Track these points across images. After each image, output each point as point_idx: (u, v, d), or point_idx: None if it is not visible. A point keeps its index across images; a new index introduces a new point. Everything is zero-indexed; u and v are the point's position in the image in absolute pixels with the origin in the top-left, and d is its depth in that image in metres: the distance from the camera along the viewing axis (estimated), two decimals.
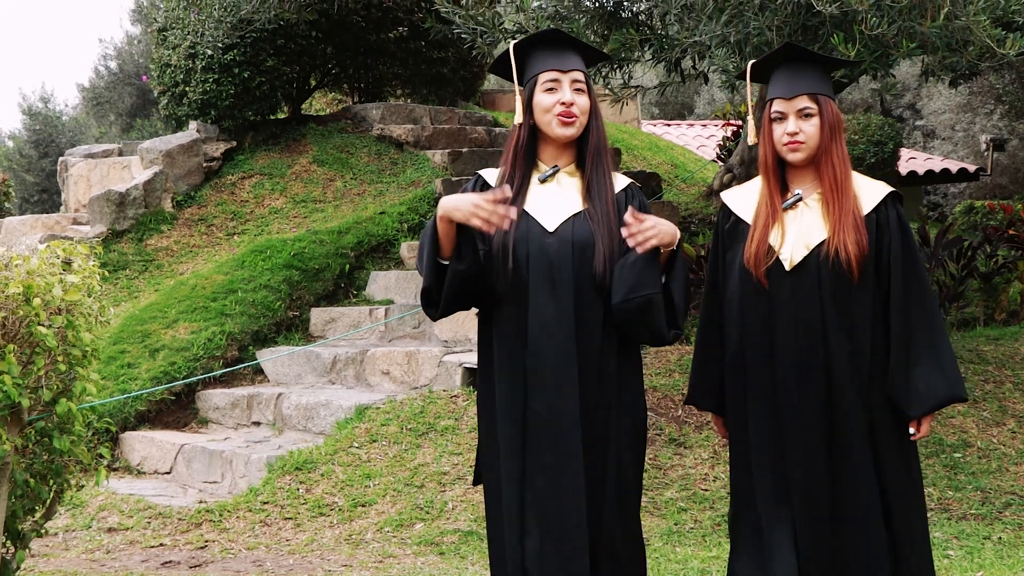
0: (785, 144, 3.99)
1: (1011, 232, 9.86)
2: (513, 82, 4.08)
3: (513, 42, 4.06)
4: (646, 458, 6.71)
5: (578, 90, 3.97)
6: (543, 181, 4.02)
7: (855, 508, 3.87)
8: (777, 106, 4.02)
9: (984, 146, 19.69)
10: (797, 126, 3.98)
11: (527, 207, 3.96)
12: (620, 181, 4.15)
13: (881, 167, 15.70)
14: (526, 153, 4.03)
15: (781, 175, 4.09)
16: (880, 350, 3.97)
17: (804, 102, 3.99)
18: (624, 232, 3.79)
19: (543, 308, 3.89)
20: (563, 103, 3.93)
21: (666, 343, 4.12)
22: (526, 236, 3.92)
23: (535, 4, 6.22)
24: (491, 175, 4.11)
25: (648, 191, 11.34)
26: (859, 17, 5.48)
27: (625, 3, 6.92)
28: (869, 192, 4.07)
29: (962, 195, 21.43)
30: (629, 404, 4.03)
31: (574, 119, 3.95)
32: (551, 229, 3.94)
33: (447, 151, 11.70)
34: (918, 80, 16.92)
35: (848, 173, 4.03)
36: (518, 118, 4.03)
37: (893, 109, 23.97)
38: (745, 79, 4.18)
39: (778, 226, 4.01)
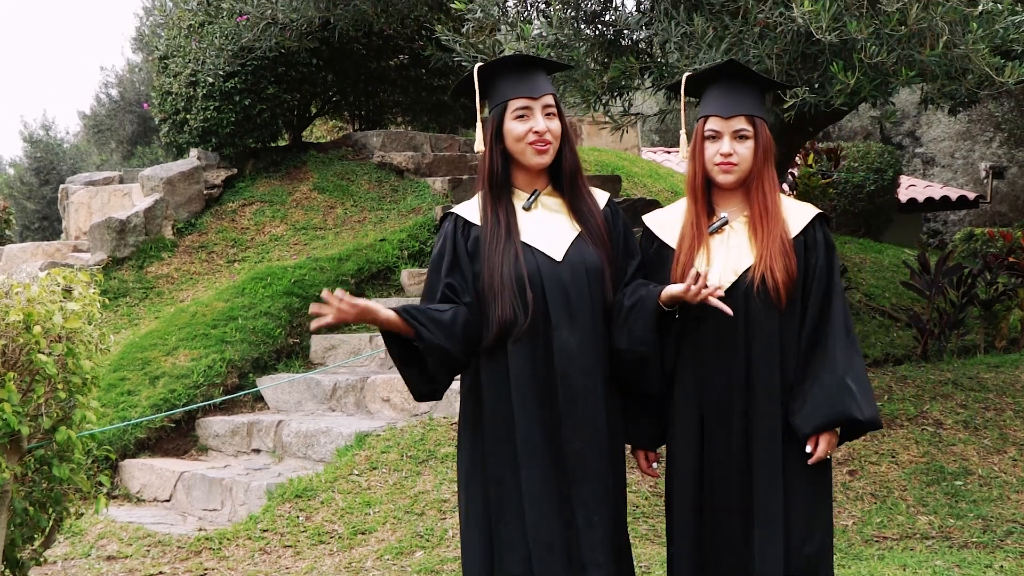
0: (717, 164, 3.90)
1: (1011, 260, 9.88)
2: (476, 103, 4.01)
3: (478, 65, 4.02)
4: (647, 486, 6.71)
5: (549, 115, 3.89)
6: (527, 208, 3.97)
7: (763, 544, 3.80)
8: (712, 124, 3.92)
9: (984, 174, 19.75)
10: (732, 147, 3.88)
11: (524, 238, 3.90)
12: (600, 197, 4.10)
13: (881, 194, 15.80)
14: (502, 180, 3.95)
15: (708, 197, 3.99)
16: None
17: (741, 123, 3.90)
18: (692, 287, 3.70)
19: (566, 340, 3.83)
20: (536, 132, 3.86)
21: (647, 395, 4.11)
22: (536, 268, 3.85)
23: (535, 32, 6.23)
24: (466, 210, 4.02)
25: None
26: (858, 45, 5.50)
27: (625, 31, 6.93)
28: (797, 214, 4.00)
29: (962, 222, 21.47)
30: (620, 419, 4.04)
31: (548, 146, 3.89)
32: (558, 258, 3.88)
33: (447, 178, 11.72)
34: (917, 108, 16.98)
35: (777, 198, 3.95)
36: (479, 145, 3.97)
37: (893, 137, 24.04)
38: (678, 91, 4.08)
39: (704, 250, 3.91)
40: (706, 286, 3.69)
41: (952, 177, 21.33)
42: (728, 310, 3.74)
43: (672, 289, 3.76)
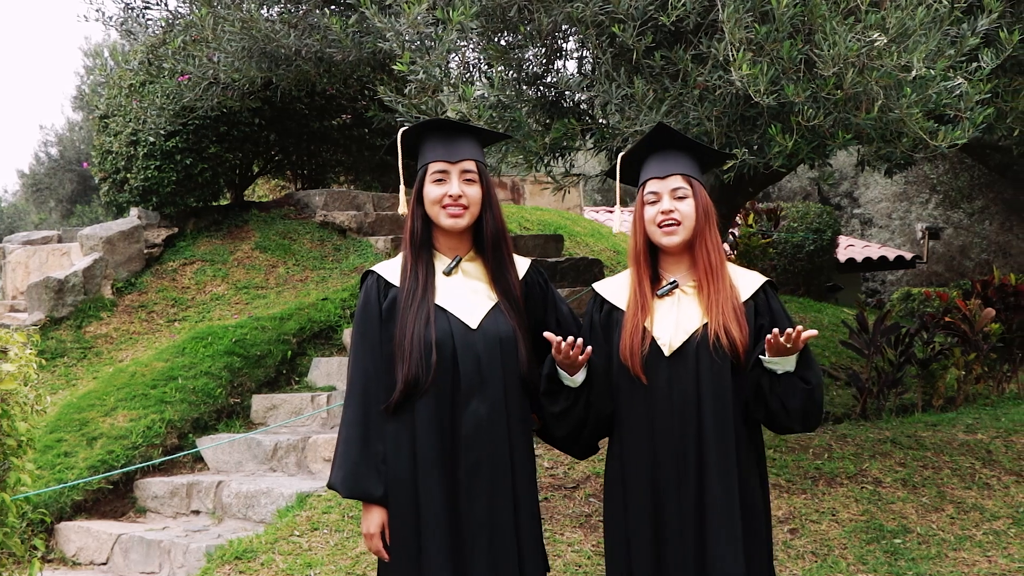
0: (659, 224, 3.94)
1: (947, 319, 9.99)
2: (400, 166, 4.10)
3: (401, 129, 4.07)
4: (589, 545, 6.70)
5: (468, 180, 3.95)
6: (448, 273, 4.00)
7: None
8: (651, 187, 3.98)
9: (920, 234, 20.03)
10: (672, 205, 3.92)
11: (440, 301, 3.94)
12: (521, 264, 4.14)
13: (820, 254, 15.98)
14: (422, 243, 4.01)
15: (653, 264, 4.03)
16: (757, 438, 4.00)
17: (678, 182, 3.95)
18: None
19: (475, 408, 3.86)
20: (451, 196, 3.92)
21: (579, 457, 4.26)
22: (449, 333, 3.89)
23: (477, 93, 6.28)
24: (387, 269, 4.08)
25: (591, 277, 11.41)
26: (796, 108, 5.58)
27: (567, 93, 7.00)
28: (745, 281, 4.05)
29: (899, 282, 21.74)
30: (535, 498, 4.06)
31: (462, 211, 3.94)
32: (473, 326, 3.91)
33: (390, 237, 11.73)
34: (855, 170, 17.25)
35: (722, 259, 3.99)
36: (401, 208, 4.07)
37: (831, 197, 24.36)
38: (614, 176, 4.14)
39: (650, 314, 3.94)
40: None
41: (890, 237, 21.62)
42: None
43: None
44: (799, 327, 3.74)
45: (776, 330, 3.73)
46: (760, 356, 3.83)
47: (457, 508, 3.85)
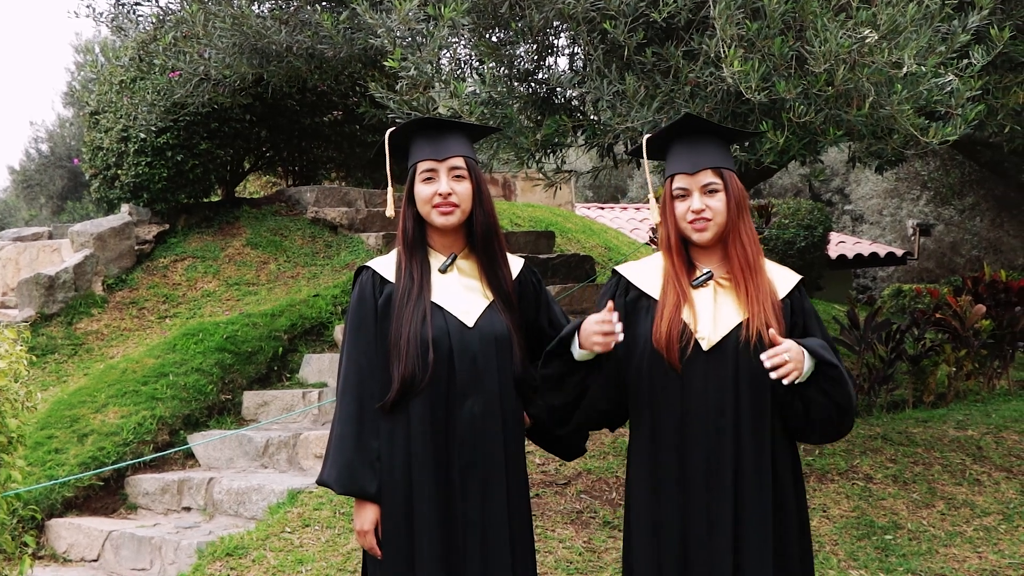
0: (691, 222, 3.81)
1: (938, 316, 10.00)
2: (388, 169, 4.08)
3: (388, 131, 4.05)
4: (581, 541, 6.69)
5: (457, 177, 3.93)
6: (443, 271, 3.99)
7: None
8: (679, 182, 3.83)
9: (911, 231, 20.08)
10: (703, 203, 3.78)
11: (436, 299, 3.92)
12: (515, 264, 4.12)
13: (811, 250, 15.99)
14: (415, 241, 4.00)
15: (686, 253, 3.90)
16: (792, 444, 3.88)
17: (709, 177, 3.81)
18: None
19: (471, 407, 3.84)
20: (440, 194, 3.90)
21: (566, 459, 4.26)
22: (445, 331, 3.87)
23: (469, 90, 6.27)
24: (382, 265, 4.06)
25: (582, 274, 11.42)
26: (787, 105, 5.58)
27: (558, 90, 6.99)
28: (781, 277, 3.94)
29: (890, 278, 21.79)
30: (527, 500, 4.05)
31: (452, 209, 3.92)
32: (470, 324, 3.89)
33: (381, 234, 11.72)
34: (846, 166, 17.28)
35: (759, 251, 3.86)
36: (389, 210, 4.06)
37: (822, 194, 24.41)
38: (641, 155, 3.98)
39: (688, 306, 3.80)
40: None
41: (880, 234, 21.66)
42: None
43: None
44: (771, 331, 3.64)
45: (763, 357, 3.62)
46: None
47: (451, 507, 3.83)
